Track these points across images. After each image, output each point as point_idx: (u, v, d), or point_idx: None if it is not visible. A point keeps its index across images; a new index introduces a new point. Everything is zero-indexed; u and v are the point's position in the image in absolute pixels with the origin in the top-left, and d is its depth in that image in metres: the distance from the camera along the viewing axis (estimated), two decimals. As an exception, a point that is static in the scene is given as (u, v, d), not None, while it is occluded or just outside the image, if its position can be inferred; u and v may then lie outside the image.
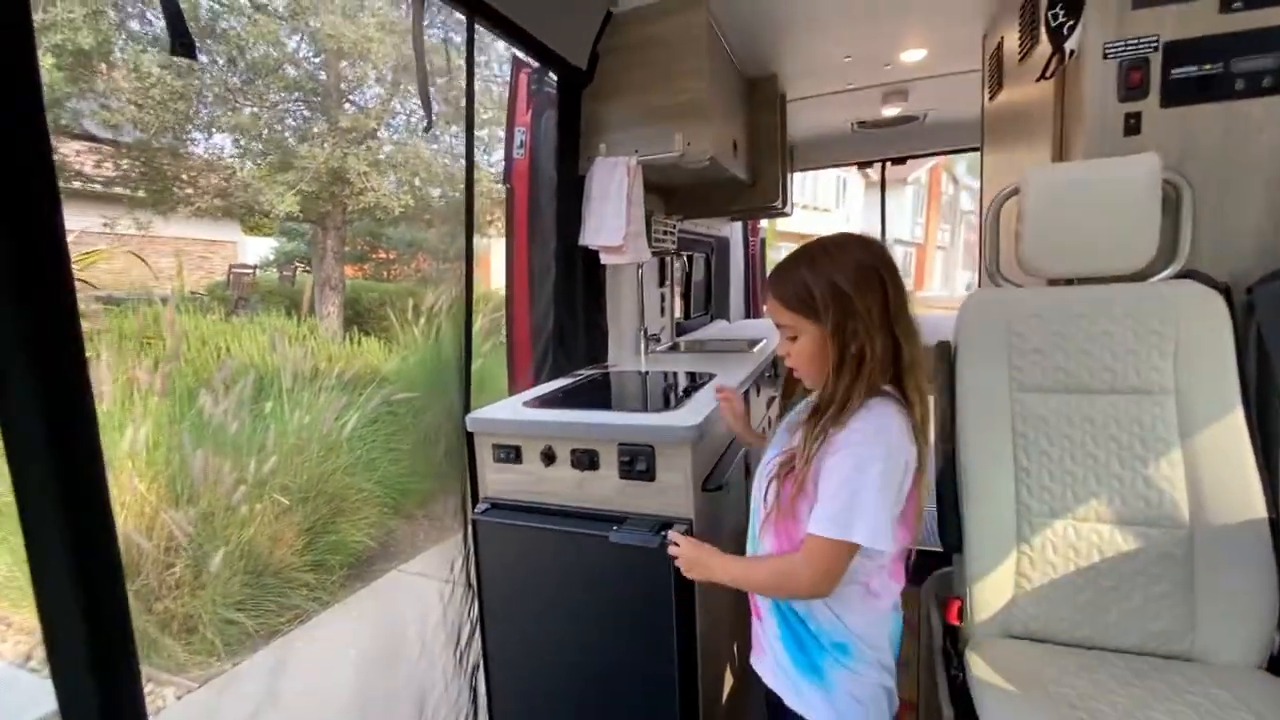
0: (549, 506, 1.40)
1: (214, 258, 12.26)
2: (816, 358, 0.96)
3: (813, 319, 0.94)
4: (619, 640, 1.32)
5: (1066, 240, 1.22)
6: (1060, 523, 1.19)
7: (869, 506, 0.86)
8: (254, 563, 3.07)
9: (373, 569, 3.70)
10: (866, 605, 0.98)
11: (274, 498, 3.13)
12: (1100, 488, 1.17)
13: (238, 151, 5.54)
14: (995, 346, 1.26)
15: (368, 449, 3.94)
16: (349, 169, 5.11)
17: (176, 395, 3.26)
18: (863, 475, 0.87)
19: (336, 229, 6.32)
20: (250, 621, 2.99)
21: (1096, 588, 1.16)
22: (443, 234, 9.55)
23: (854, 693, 0.97)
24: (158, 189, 6.01)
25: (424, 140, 5.84)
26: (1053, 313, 1.23)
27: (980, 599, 1.21)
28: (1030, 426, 1.22)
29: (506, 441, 1.42)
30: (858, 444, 0.89)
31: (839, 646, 0.98)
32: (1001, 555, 1.21)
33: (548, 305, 1.87)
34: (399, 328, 5.01)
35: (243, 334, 4.41)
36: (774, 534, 1.03)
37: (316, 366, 4.34)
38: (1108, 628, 1.15)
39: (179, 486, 2.96)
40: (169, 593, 2.89)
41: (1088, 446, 1.19)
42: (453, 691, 1.40)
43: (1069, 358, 1.21)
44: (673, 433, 1.27)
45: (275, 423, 3.32)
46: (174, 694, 2.64)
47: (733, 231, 4.21)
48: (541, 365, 1.89)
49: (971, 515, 1.23)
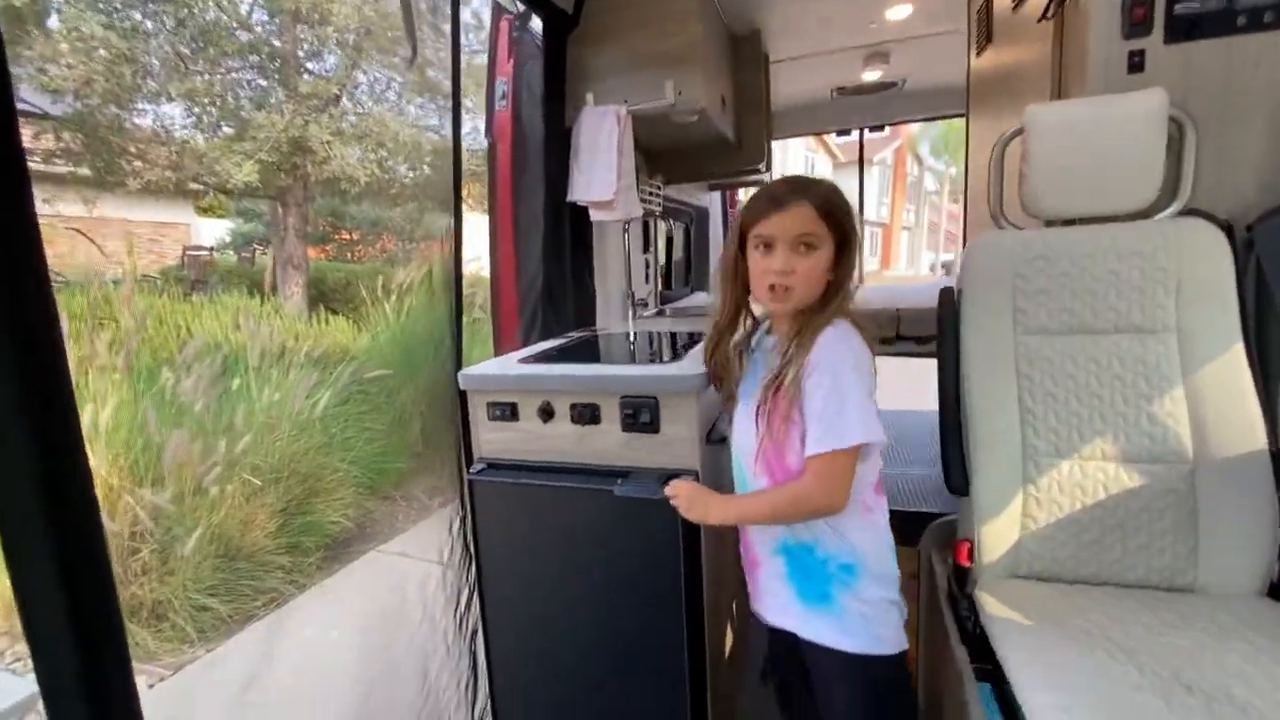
0: (548, 464, 1.35)
1: (165, 240, 11.67)
2: (822, 276, 1.00)
3: (835, 236, 0.99)
4: (625, 598, 1.28)
5: (1071, 180, 1.21)
6: (1066, 463, 1.19)
7: (854, 407, 0.92)
8: (226, 546, 2.96)
9: (350, 550, 3.61)
10: (866, 521, 1.01)
11: (245, 478, 3.01)
12: (1105, 427, 1.17)
13: (190, 120, 5.24)
14: (1000, 290, 1.25)
15: (342, 428, 3.82)
16: (310, 137, 4.87)
17: (136, 374, 3.10)
18: (841, 383, 0.93)
19: (298, 205, 6.07)
20: (224, 606, 2.89)
21: (1102, 525, 1.16)
22: (408, 213, 9.28)
23: (863, 611, 1.00)
24: (102, 163, 5.67)
25: (390, 111, 5.61)
26: (1059, 253, 1.22)
27: (987, 541, 1.21)
28: (1035, 369, 1.22)
29: (502, 399, 1.36)
30: (827, 360, 0.95)
31: (846, 568, 1.00)
32: (1008, 497, 1.21)
33: (536, 266, 1.80)
34: (369, 304, 4.85)
35: (203, 313, 4.21)
36: (767, 468, 1.04)
37: (284, 345, 4.18)
38: (1113, 564, 1.16)
39: (143, 468, 2.82)
40: (135, 579, 2.77)
41: (1092, 387, 1.19)
42: (454, 657, 1.35)
43: (1074, 298, 1.21)
44: (678, 382, 1.23)
45: (244, 401, 3.19)
46: (145, 682, 2.54)
47: (711, 202, 4.17)
48: (530, 328, 1.83)
49: (978, 458, 1.22)
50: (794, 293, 0.99)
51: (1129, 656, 0.90)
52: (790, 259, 0.98)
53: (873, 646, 0.99)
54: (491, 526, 1.37)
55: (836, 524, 1.00)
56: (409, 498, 4.33)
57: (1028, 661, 0.91)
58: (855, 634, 1.00)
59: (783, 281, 0.99)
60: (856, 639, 1.00)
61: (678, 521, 1.19)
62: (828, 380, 0.93)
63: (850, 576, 1.00)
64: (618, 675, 1.33)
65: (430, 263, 5.37)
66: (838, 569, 1.01)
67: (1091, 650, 0.92)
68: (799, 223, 0.97)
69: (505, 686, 1.43)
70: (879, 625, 1.00)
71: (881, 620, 1.00)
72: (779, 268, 0.98)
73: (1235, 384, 1.12)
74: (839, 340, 0.96)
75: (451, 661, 1.35)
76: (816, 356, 0.95)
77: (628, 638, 1.30)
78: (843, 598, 1.01)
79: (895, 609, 1.02)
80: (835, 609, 1.01)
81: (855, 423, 0.91)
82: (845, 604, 1.00)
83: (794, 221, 0.98)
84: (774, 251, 0.99)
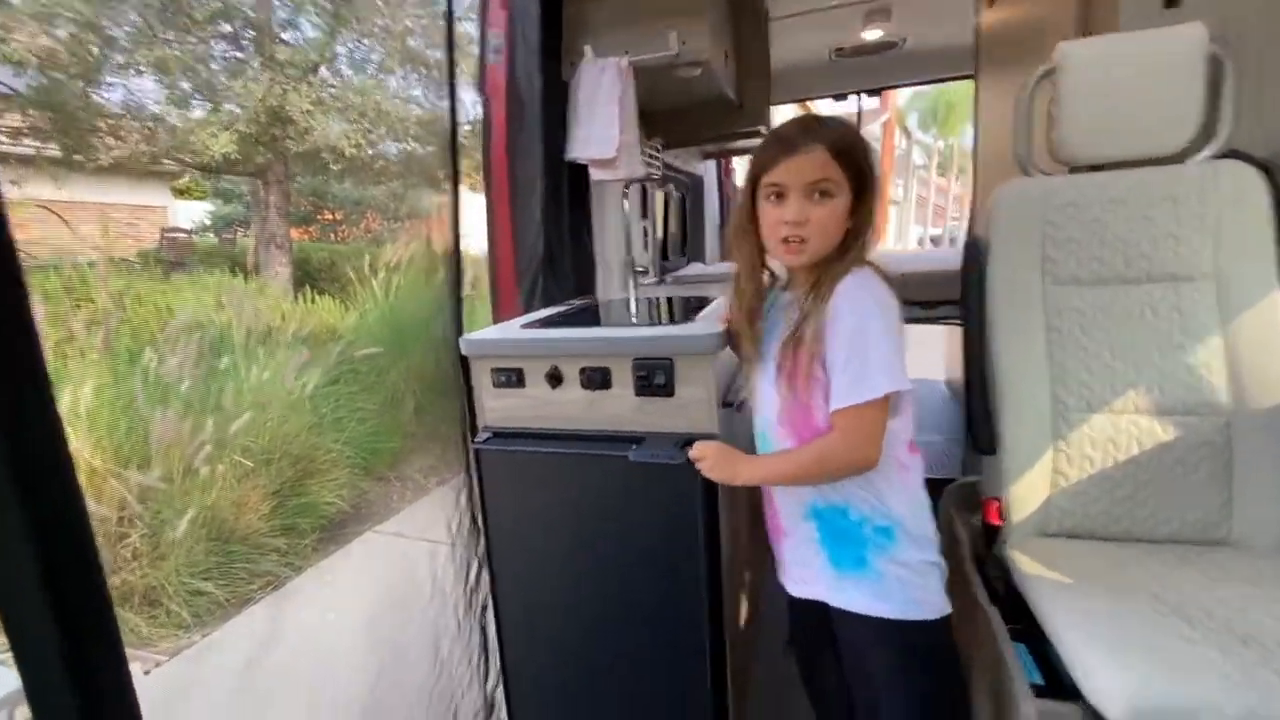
0: (557, 431, 1.29)
1: (141, 224, 11.35)
2: (840, 224, 0.94)
3: (852, 180, 0.92)
4: (641, 568, 1.24)
5: (1104, 121, 1.16)
6: (1098, 417, 1.15)
7: (880, 356, 0.86)
8: (218, 529, 2.89)
9: (346, 532, 3.55)
10: (901, 480, 0.96)
11: (236, 459, 2.93)
12: (1139, 379, 1.13)
13: (162, 92, 5.02)
14: (1028, 239, 1.20)
15: (333, 408, 3.74)
16: (290, 105, 4.68)
17: (117, 355, 2.99)
18: (864, 331, 0.88)
19: (279, 183, 5.89)
20: (219, 590, 2.83)
21: (1134, 480, 1.13)
22: (393, 190, 9.07)
23: (900, 575, 0.95)
24: (71, 141, 5.45)
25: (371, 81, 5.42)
26: (1089, 199, 1.17)
27: (1016, 499, 1.17)
28: (1065, 320, 1.17)
29: (507, 364, 1.30)
30: (848, 307, 0.89)
31: (882, 531, 0.95)
32: (1037, 454, 1.17)
33: (535, 230, 1.72)
34: (357, 283, 4.73)
35: (185, 291, 4.08)
36: (793, 430, 0.99)
37: (269, 325, 4.08)
38: (1145, 519, 1.13)
39: (128, 450, 2.74)
40: (125, 565, 2.70)
41: (1125, 338, 1.15)
42: (464, 633, 1.31)
43: (1105, 246, 1.16)
44: (694, 342, 1.17)
45: (231, 379, 3.09)
46: (141, 669, 2.48)
47: (706, 171, 4.08)
48: (531, 296, 1.76)
49: (1006, 415, 1.18)
50: (809, 244, 0.93)
51: (1176, 610, 0.87)
52: (804, 208, 0.92)
53: (912, 611, 0.94)
54: (499, 497, 1.32)
55: (870, 484, 0.95)
56: (403, 478, 4.27)
57: (1073, 619, 0.88)
58: (892, 598, 0.95)
59: (797, 233, 0.93)
60: (894, 603, 0.94)
61: (697, 487, 1.14)
62: (850, 329, 0.88)
63: (887, 539, 0.95)
64: (633, 649, 1.29)
65: (418, 240, 5.25)
66: (873, 532, 0.96)
67: (1137, 605, 0.89)
68: (811, 168, 0.91)
69: (516, 661, 1.38)
70: (918, 589, 0.95)
71: (921, 584, 0.95)
72: (792, 218, 0.93)
73: (1274, 332, 1.08)
74: (860, 287, 0.91)
75: (463, 638, 1.30)
76: (837, 305, 0.90)
77: (644, 610, 1.26)
78: (879, 561, 0.95)
79: (935, 571, 0.97)
80: (870, 574, 0.96)
81: (880, 372, 0.86)
82: (882, 568, 0.95)
83: (806, 167, 0.91)
84: (786, 201, 0.93)
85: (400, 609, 2.51)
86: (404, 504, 3.97)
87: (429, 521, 3.57)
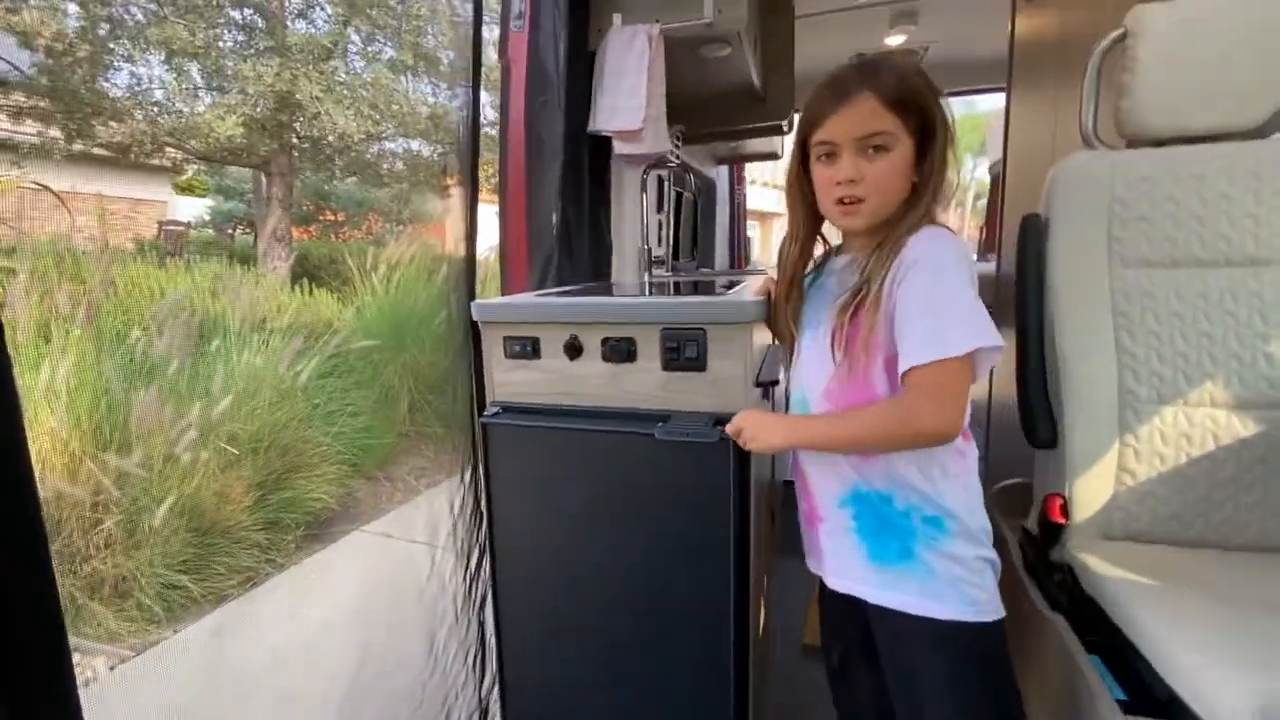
0: (574, 408, 1.18)
1: (140, 217, 11.26)
2: (902, 180, 0.84)
3: (912, 127, 0.82)
4: (664, 559, 1.12)
5: (1183, 90, 1.07)
6: (1170, 409, 1.05)
7: (961, 309, 0.76)
8: (198, 519, 2.74)
9: (332, 530, 3.41)
10: (957, 467, 0.85)
11: (221, 447, 2.80)
12: (1216, 369, 1.03)
13: (169, 75, 4.94)
14: (1094, 217, 1.11)
15: (325, 401, 3.61)
16: (299, 91, 4.60)
17: (102, 334, 2.86)
18: (942, 285, 0.78)
19: (282, 175, 5.80)
20: (195, 585, 2.68)
21: (1210, 480, 1.03)
22: (397, 193, 9.01)
23: (953, 572, 0.84)
24: (75, 125, 5.37)
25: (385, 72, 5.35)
26: (1163, 175, 1.08)
27: (1078, 500, 1.06)
28: (1134, 305, 1.08)
29: (522, 333, 1.19)
30: (924, 258, 0.80)
31: (932, 521, 0.84)
32: (1102, 450, 1.06)
33: (553, 206, 1.62)
34: (357, 277, 4.63)
35: (179, 278, 3.97)
36: (838, 401, 0.89)
37: (264, 316, 3.96)
38: (1221, 524, 1.02)
39: (108, 431, 2.60)
40: (97, 553, 2.55)
41: (1200, 325, 1.05)
42: (461, 627, 1.18)
43: (1179, 226, 1.07)
44: (730, 311, 1.07)
45: (221, 363, 2.97)
46: (105, 664, 2.33)
47: (719, 176, 4.02)
48: (544, 275, 1.66)
49: (1068, 407, 1.08)
50: (867, 204, 0.84)
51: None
52: (858, 165, 0.83)
53: (967, 612, 0.83)
54: (506, 478, 1.20)
55: (924, 470, 0.84)
56: (393, 478, 4.13)
57: (1175, 626, 0.76)
58: (945, 598, 0.83)
59: (851, 193, 0.84)
60: (946, 604, 0.83)
61: (730, 468, 1.03)
62: (925, 282, 0.78)
63: (938, 531, 0.84)
64: (646, 653, 1.16)
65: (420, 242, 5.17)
66: (922, 522, 0.85)
67: (1250, 611, 0.78)
68: (862, 120, 0.82)
69: (515, 661, 1.25)
70: (973, 587, 0.83)
71: (976, 582, 0.84)
72: (845, 176, 0.83)
73: (1366, 320, 0.99)
74: (935, 239, 0.81)
75: (459, 632, 1.17)
76: (908, 258, 0.80)
77: (662, 611, 1.14)
78: (928, 555, 0.84)
79: (990, 568, 0.86)
80: (918, 568, 0.85)
81: (962, 326, 0.75)
82: (932, 562, 0.84)
83: (856, 120, 0.82)
84: (839, 159, 0.84)
85: (386, 610, 2.37)
86: (393, 505, 3.83)
87: (416, 523, 3.44)
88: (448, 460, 1.28)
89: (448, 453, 1.28)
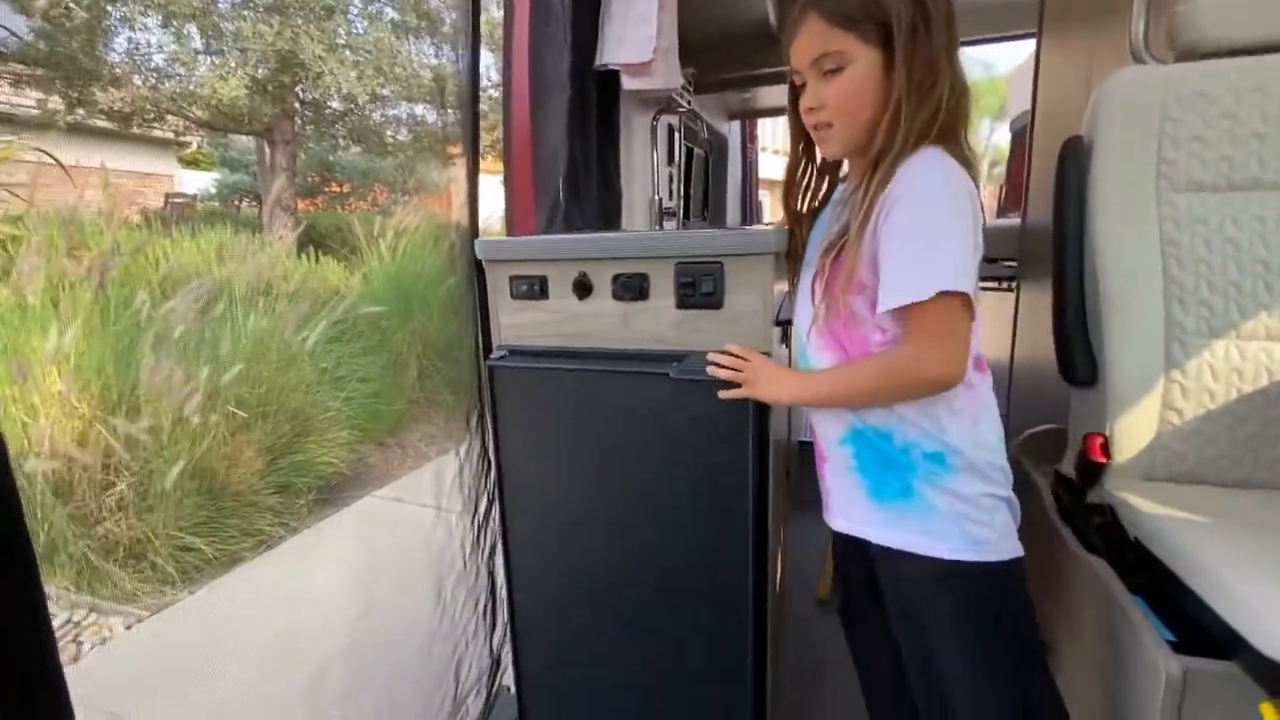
0: (584, 350, 1.13)
1: (148, 192, 11.25)
2: (869, 94, 0.76)
3: (871, 38, 0.75)
4: (678, 507, 1.07)
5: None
6: (1221, 343, 0.98)
7: (948, 245, 0.71)
8: (210, 482, 2.75)
9: (343, 495, 3.41)
10: (966, 400, 0.79)
11: (230, 410, 2.78)
12: (1272, 299, 0.96)
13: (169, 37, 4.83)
14: (1143, 137, 1.02)
15: (334, 366, 3.59)
16: (301, 51, 4.47)
17: (111, 300, 2.84)
18: (926, 219, 0.72)
19: (286, 143, 5.72)
20: (209, 548, 2.69)
21: (1263, 418, 0.96)
22: (402, 163, 8.90)
23: (955, 508, 0.78)
24: (76, 93, 5.29)
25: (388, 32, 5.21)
26: (1221, 90, 0.99)
27: (1119, 439, 1.00)
28: (1184, 231, 1.00)
29: (529, 271, 1.13)
30: (909, 192, 0.73)
31: (934, 458, 0.79)
32: (1147, 386, 1.00)
33: (560, 143, 1.55)
34: (365, 245, 4.57)
35: (184, 244, 3.93)
36: (830, 349, 0.85)
37: (270, 280, 3.93)
38: (1273, 463, 0.96)
39: (116, 395, 2.59)
40: (110, 515, 2.56)
41: (1257, 251, 0.97)
42: (470, 575, 1.15)
43: (1237, 145, 0.99)
44: (749, 241, 1.00)
45: (228, 326, 2.94)
46: (122, 623, 2.35)
47: (731, 132, 3.90)
48: (551, 218, 1.59)
49: (1110, 340, 1.01)
50: (835, 130, 0.80)
51: (1362, 554, 0.70)
52: (817, 90, 0.78)
53: (970, 551, 0.77)
54: (514, 423, 1.15)
55: (926, 404, 0.78)
56: (405, 444, 4.13)
57: (1234, 563, 0.71)
58: (949, 535, 0.78)
59: (817, 119, 0.80)
60: (950, 541, 0.78)
61: (750, 409, 0.98)
62: (908, 216, 0.72)
63: (939, 467, 0.79)
64: (662, 603, 1.13)
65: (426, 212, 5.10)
66: (922, 458, 0.79)
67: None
68: (810, 43, 0.77)
69: (527, 611, 1.23)
70: (979, 525, 0.78)
71: (982, 520, 0.78)
72: (805, 104, 0.80)
73: None
74: (925, 167, 0.74)
75: (467, 580, 1.14)
76: (897, 189, 0.73)
77: (678, 558, 1.10)
78: (929, 491, 0.79)
79: (1004, 507, 0.80)
80: (919, 504, 0.80)
81: (947, 263, 0.70)
82: (934, 499, 0.79)
83: (805, 44, 0.78)
84: (806, 87, 0.80)
85: (399, 572, 2.37)
86: (404, 471, 3.83)
87: (428, 489, 3.44)
88: (458, 428, 1.24)
89: (459, 420, 1.23)
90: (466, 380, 1.13)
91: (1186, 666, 0.69)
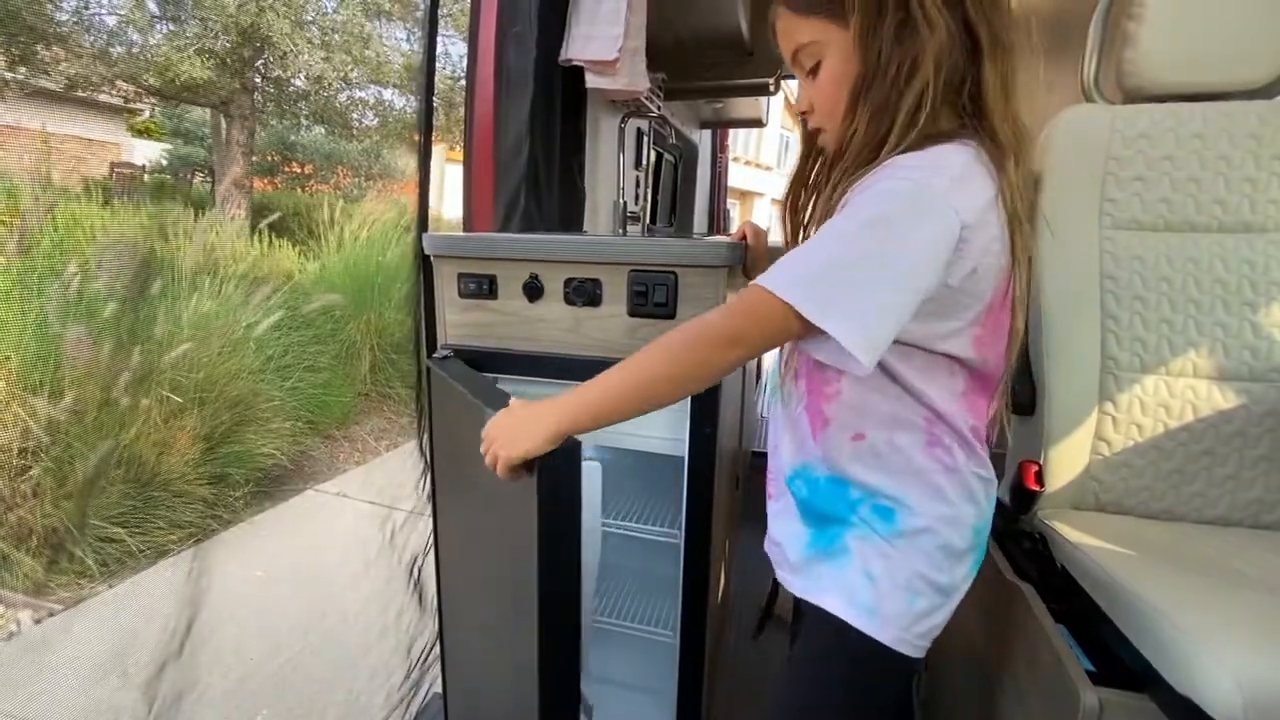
0: (532, 354, 1.10)
1: (92, 159, 10.68)
2: (845, 88, 0.66)
3: (841, 20, 0.64)
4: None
5: (1190, 44, 1.01)
6: (1151, 378, 1.01)
7: (837, 259, 0.59)
8: (137, 470, 2.60)
9: (284, 488, 3.29)
10: (929, 462, 0.68)
11: (164, 394, 2.64)
12: (1201, 338, 1.00)
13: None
14: (1088, 175, 1.05)
15: (281, 354, 3.45)
16: (266, 26, 4.26)
17: (35, 268, 2.66)
18: (853, 218, 0.60)
19: (244, 119, 5.49)
20: (133, 539, 2.55)
21: (1186, 452, 0.99)
22: (368, 148, 8.67)
23: (874, 570, 0.68)
24: (18, 51, 4.98)
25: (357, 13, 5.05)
26: (1163, 133, 1.02)
27: (1052, 468, 1.03)
28: (1123, 268, 1.03)
29: (478, 270, 1.10)
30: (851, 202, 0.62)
31: (880, 511, 0.69)
32: (1080, 417, 1.02)
33: (521, 139, 1.51)
34: (325, 229, 4.41)
35: (125, 217, 3.73)
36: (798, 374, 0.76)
37: (218, 261, 3.76)
38: (1193, 498, 0.99)
39: (38, 374, 2.43)
40: (25, 501, 2.40)
41: (1190, 291, 1.01)
42: (404, 575, 1.10)
43: (1175, 188, 1.02)
44: (704, 252, 0.99)
45: (165, 307, 2.80)
46: (31, 616, 2.20)
47: (702, 140, 3.91)
48: (509, 216, 1.55)
49: (1049, 371, 1.03)
50: (827, 130, 0.72)
51: (1272, 591, 0.73)
52: (804, 89, 0.73)
53: (860, 617, 0.68)
54: (450, 428, 1.12)
55: (874, 462, 0.69)
56: (352, 438, 4.00)
57: (1151, 595, 0.72)
58: (848, 592, 0.69)
59: (809, 124, 0.75)
60: (840, 598, 0.69)
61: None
62: (839, 217, 0.62)
63: (883, 523, 0.68)
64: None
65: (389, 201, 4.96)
66: (873, 511, 0.69)
67: (1227, 581, 0.75)
68: (783, 40, 0.71)
69: (455, 616, 1.19)
70: (889, 598, 0.67)
71: (898, 595, 0.67)
72: (799, 107, 0.75)
73: (1356, 295, 0.95)
74: (892, 167, 0.61)
75: (405, 579, 1.09)
76: (851, 195, 0.63)
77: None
78: (857, 545, 0.69)
79: (937, 597, 0.68)
80: (840, 555, 0.71)
81: (813, 285, 0.58)
82: (858, 551, 0.69)
83: (780, 42, 0.72)
84: (800, 87, 0.75)
85: (334, 570, 2.28)
86: (350, 465, 3.71)
87: (374, 485, 3.34)
88: (409, 423, 1.19)
89: (409, 415, 1.19)
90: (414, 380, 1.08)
91: (1103, 698, 0.70)
